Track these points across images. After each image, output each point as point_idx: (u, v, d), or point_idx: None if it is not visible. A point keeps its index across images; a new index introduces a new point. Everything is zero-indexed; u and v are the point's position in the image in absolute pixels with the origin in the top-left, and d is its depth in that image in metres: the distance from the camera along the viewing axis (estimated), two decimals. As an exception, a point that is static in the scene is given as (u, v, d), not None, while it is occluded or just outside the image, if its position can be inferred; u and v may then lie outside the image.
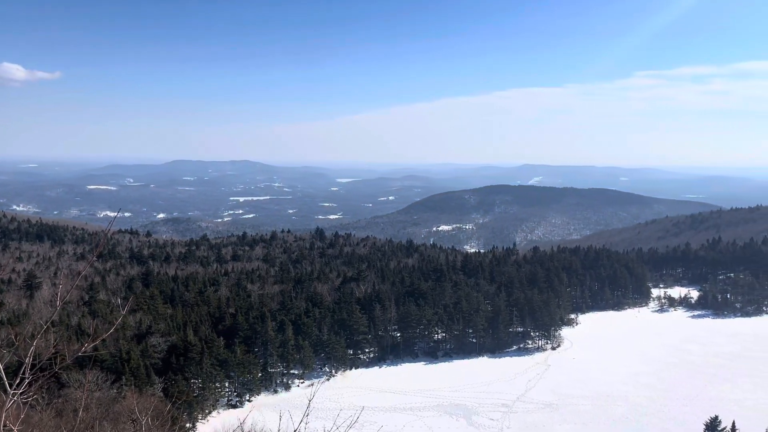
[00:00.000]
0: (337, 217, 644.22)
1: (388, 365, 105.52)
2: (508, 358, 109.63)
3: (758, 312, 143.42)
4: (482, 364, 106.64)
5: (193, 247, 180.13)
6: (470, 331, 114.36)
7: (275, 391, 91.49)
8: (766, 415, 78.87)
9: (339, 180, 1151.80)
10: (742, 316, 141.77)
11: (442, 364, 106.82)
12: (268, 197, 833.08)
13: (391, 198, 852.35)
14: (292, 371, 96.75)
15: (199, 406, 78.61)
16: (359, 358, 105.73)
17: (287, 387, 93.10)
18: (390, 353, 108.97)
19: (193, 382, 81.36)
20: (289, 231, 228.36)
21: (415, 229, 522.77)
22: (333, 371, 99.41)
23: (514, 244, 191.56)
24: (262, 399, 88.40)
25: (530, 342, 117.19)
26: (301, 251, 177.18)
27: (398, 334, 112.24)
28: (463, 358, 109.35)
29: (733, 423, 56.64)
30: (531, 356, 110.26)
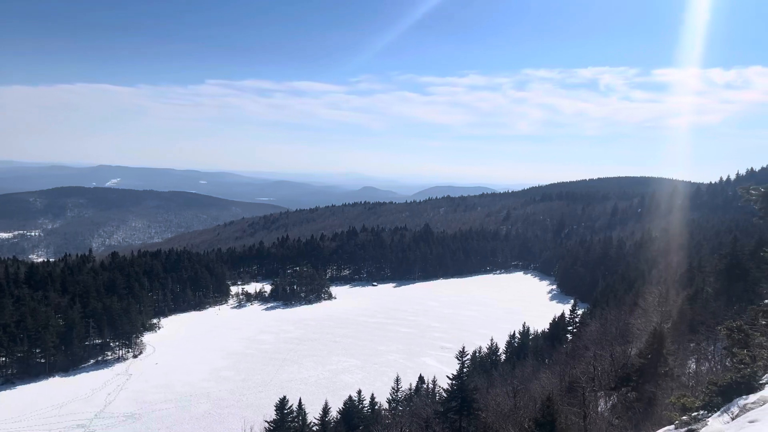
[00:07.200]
0: None
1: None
2: (84, 374, 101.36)
3: (318, 299, 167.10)
4: (54, 385, 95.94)
5: None
6: (38, 351, 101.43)
7: None
8: (324, 388, 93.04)
9: None
10: (306, 304, 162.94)
11: (2, 393, 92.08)
12: None
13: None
14: None
15: None
16: None
17: None
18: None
19: None
20: None
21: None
22: None
23: (91, 251, 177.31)
24: None
25: (110, 353, 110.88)
26: None
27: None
28: (29, 383, 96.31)
29: (300, 400, 64.95)
30: (111, 368, 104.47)
